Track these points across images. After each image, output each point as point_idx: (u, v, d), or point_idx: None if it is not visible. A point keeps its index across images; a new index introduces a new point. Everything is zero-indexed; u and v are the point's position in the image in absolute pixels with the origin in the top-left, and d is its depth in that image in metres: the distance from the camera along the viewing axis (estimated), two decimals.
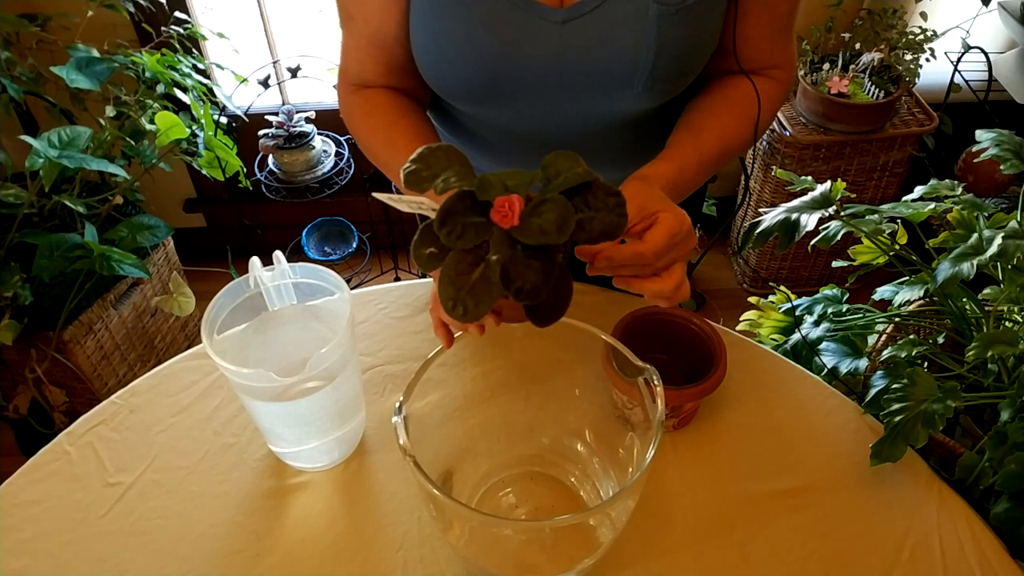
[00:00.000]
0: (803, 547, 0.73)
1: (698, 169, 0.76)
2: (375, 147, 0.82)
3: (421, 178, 0.56)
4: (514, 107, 0.80)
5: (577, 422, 0.76)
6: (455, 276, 0.53)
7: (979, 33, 1.93)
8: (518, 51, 0.74)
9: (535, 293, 0.53)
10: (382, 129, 0.81)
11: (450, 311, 0.53)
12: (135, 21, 1.74)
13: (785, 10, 0.78)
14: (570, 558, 0.65)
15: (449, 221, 0.53)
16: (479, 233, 0.54)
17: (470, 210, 0.54)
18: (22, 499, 0.78)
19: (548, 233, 0.52)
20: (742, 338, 0.92)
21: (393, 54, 0.81)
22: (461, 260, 0.54)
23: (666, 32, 0.71)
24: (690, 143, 0.77)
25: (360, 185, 1.96)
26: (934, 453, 0.98)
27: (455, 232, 0.53)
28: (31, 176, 1.43)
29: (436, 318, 0.70)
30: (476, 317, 0.53)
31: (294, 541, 0.75)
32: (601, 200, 0.55)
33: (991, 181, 1.97)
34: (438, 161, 0.57)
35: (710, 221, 2.21)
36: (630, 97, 0.77)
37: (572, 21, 0.73)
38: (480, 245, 0.54)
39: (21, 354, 1.57)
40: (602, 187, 0.56)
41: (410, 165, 0.57)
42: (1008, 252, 0.85)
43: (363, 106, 0.84)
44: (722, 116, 0.80)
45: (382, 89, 0.84)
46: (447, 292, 0.53)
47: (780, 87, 0.83)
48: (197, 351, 0.91)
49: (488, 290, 0.53)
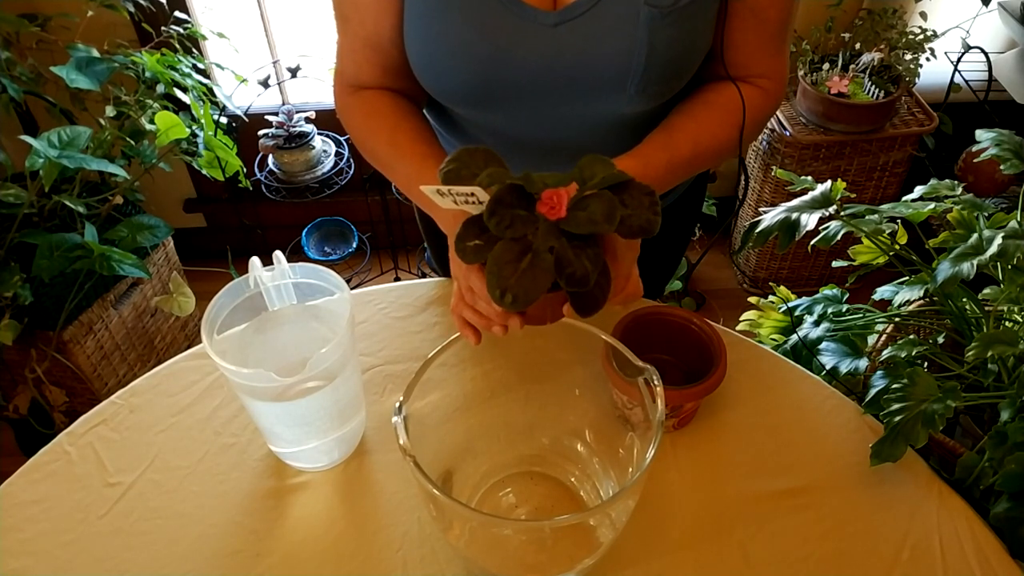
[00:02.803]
0: (803, 547, 0.73)
1: (667, 169, 0.76)
2: (377, 149, 0.83)
3: (461, 177, 0.58)
4: (508, 110, 0.80)
5: (577, 422, 0.76)
6: (503, 265, 0.55)
7: (979, 33, 1.93)
8: (511, 54, 0.74)
9: (585, 280, 0.55)
10: (384, 131, 0.81)
11: (499, 300, 0.54)
12: (135, 21, 1.74)
13: (774, 17, 0.77)
14: (570, 558, 0.65)
15: (499, 211, 0.55)
16: (526, 224, 0.56)
17: (518, 202, 0.57)
18: (22, 499, 0.78)
19: (597, 222, 0.55)
20: (742, 338, 0.92)
21: (389, 56, 0.81)
22: (508, 250, 0.56)
23: (657, 34, 0.72)
24: (661, 143, 0.77)
25: (360, 185, 1.96)
26: (934, 453, 0.98)
27: (504, 222, 0.55)
28: (31, 176, 1.43)
29: (459, 317, 0.70)
30: (525, 304, 0.55)
31: (294, 541, 0.75)
32: (637, 199, 0.58)
33: (991, 181, 1.97)
34: (475, 161, 0.59)
35: (710, 221, 2.21)
36: (623, 99, 0.77)
37: (564, 24, 0.73)
38: (525, 236, 0.56)
39: (21, 354, 1.57)
40: (637, 186, 0.58)
41: (449, 164, 0.59)
42: (1008, 252, 0.85)
43: (362, 108, 0.84)
44: (699, 119, 0.80)
45: (379, 91, 0.84)
46: (495, 281, 0.55)
47: (767, 97, 0.82)
48: (197, 351, 0.91)
49: (536, 278, 0.55)
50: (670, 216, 1.04)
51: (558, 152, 0.85)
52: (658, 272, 1.14)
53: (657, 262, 1.09)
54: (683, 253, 1.20)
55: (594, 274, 0.55)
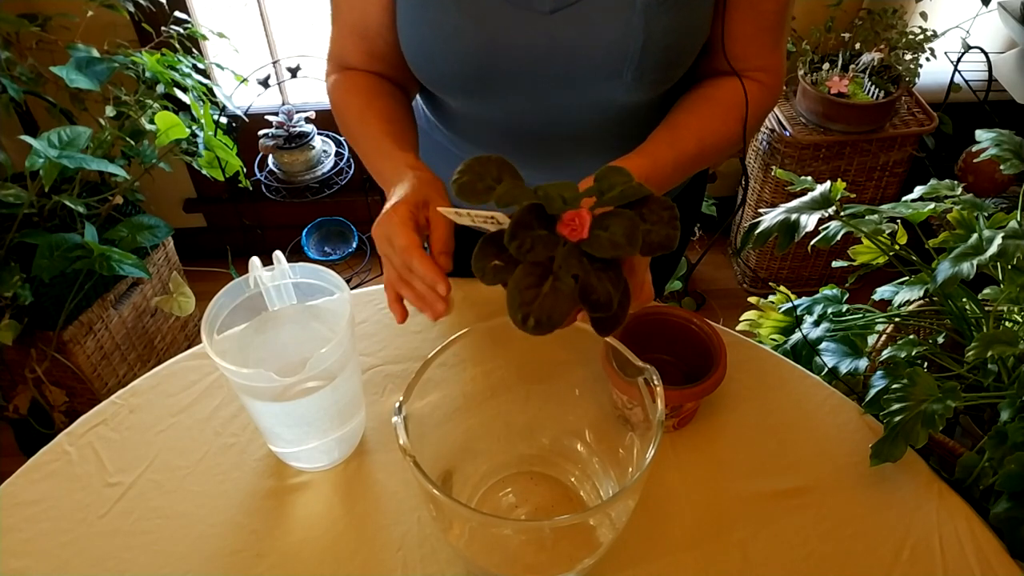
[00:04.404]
0: (803, 547, 0.73)
1: (674, 167, 0.76)
2: (349, 122, 0.83)
3: (476, 190, 0.56)
4: (503, 99, 0.80)
5: (577, 422, 0.76)
6: (524, 289, 0.53)
7: (979, 33, 1.93)
8: (506, 42, 0.74)
9: (609, 304, 0.54)
10: (356, 106, 0.82)
11: (521, 324, 0.53)
12: (135, 21, 1.74)
13: (771, 8, 0.77)
14: (570, 558, 0.65)
15: (520, 234, 0.54)
16: (547, 246, 0.54)
17: (538, 223, 0.55)
18: (22, 499, 0.78)
19: (620, 246, 0.53)
20: (742, 338, 0.92)
21: (375, 44, 0.82)
22: (530, 273, 0.54)
23: (653, 21, 0.71)
24: (667, 140, 0.77)
25: (360, 185, 1.96)
26: (934, 453, 0.98)
27: (525, 245, 0.54)
28: (31, 176, 1.43)
29: (393, 293, 0.70)
30: (550, 329, 0.53)
31: (294, 541, 0.75)
32: (656, 213, 0.56)
33: (991, 181, 1.97)
34: (489, 172, 0.57)
35: (710, 221, 2.21)
36: (620, 88, 0.76)
37: (560, 11, 0.72)
38: (546, 258, 0.54)
39: (21, 354, 1.57)
40: (656, 200, 0.56)
41: (460, 176, 0.57)
42: (1008, 252, 0.85)
43: (343, 83, 0.85)
44: (702, 116, 0.80)
45: (364, 72, 0.85)
46: (517, 305, 0.53)
47: (766, 92, 0.82)
48: (197, 351, 0.91)
49: (559, 302, 0.53)
50: None
51: (554, 142, 0.85)
52: (658, 272, 1.14)
53: (657, 262, 1.09)
54: (683, 253, 1.20)
55: (616, 296, 0.54)
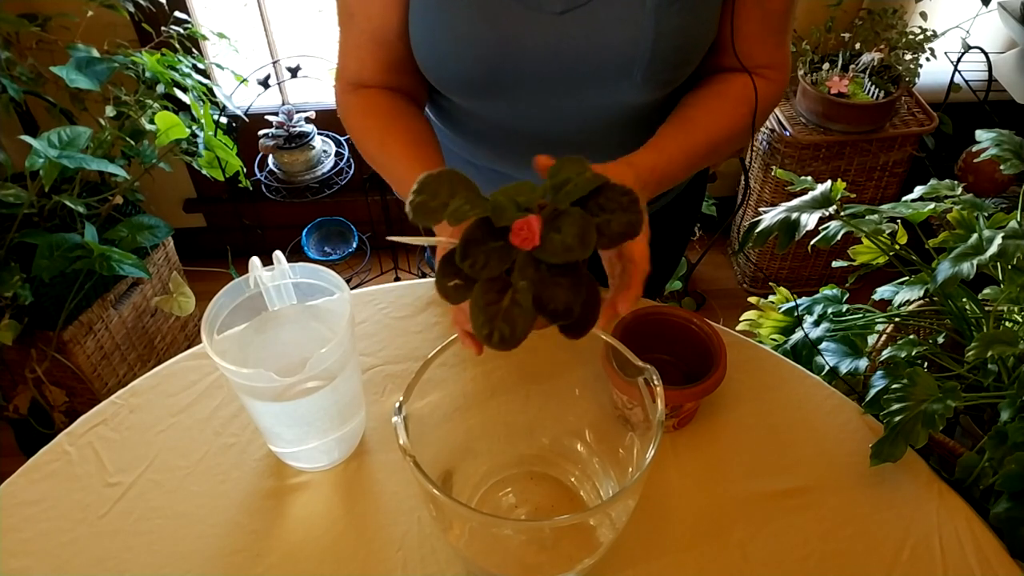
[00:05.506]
0: (803, 547, 0.73)
1: (684, 162, 0.77)
2: (370, 149, 0.83)
3: (430, 209, 0.54)
4: (513, 100, 0.80)
5: (577, 422, 0.76)
6: (485, 306, 0.52)
7: (979, 33, 1.93)
8: (516, 42, 0.74)
9: (569, 312, 0.52)
10: (376, 131, 0.81)
11: (486, 340, 0.51)
12: (135, 21, 1.74)
13: (779, 8, 0.78)
14: (570, 558, 0.65)
15: (471, 252, 0.52)
16: (502, 259, 0.52)
17: (489, 236, 0.53)
18: (22, 499, 0.78)
19: (572, 249, 0.51)
20: (742, 338, 0.92)
21: (394, 50, 0.81)
22: (488, 289, 0.52)
23: (664, 21, 0.72)
24: (677, 135, 0.78)
25: (360, 185, 1.96)
26: (934, 453, 0.98)
27: (479, 263, 0.52)
28: (31, 176, 1.43)
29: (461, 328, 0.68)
30: (515, 343, 0.52)
31: (294, 541, 0.75)
32: (615, 200, 0.54)
33: (991, 181, 1.97)
34: (443, 189, 0.55)
35: (710, 221, 2.21)
36: (629, 88, 0.77)
37: (570, 12, 0.73)
38: (503, 273, 0.52)
39: (21, 354, 1.57)
40: (613, 187, 0.54)
41: (415, 197, 0.55)
42: (1008, 252, 0.85)
43: (359, 106, 0.84)
44: (712, 111, 0.80)
45: (378, 90, 0.84)
46: (479, 323, 0.51)
47: (773, 87, 0.83)
48: (197, 351, 0.91)
49: (522, 315, 0.51)
50: (670, 216, 1.05)
51: (563, 143, 0.85)
52: (658, 272, 1.14)
53: (657, 262, 1.08)
54: (683, 253, 1.20)
55: (577, 304, 0.52)
